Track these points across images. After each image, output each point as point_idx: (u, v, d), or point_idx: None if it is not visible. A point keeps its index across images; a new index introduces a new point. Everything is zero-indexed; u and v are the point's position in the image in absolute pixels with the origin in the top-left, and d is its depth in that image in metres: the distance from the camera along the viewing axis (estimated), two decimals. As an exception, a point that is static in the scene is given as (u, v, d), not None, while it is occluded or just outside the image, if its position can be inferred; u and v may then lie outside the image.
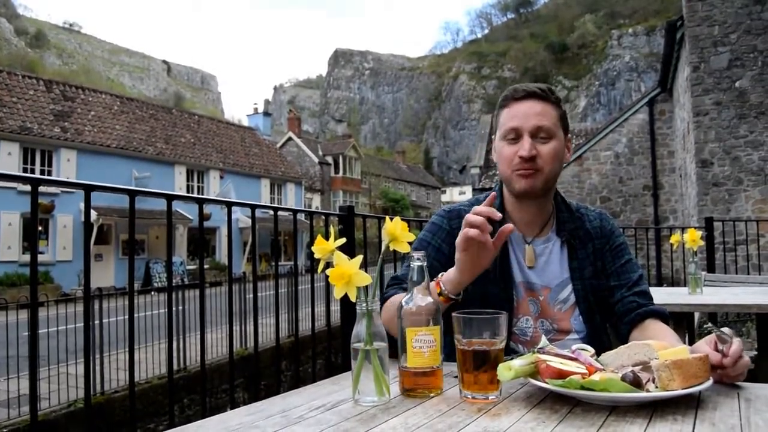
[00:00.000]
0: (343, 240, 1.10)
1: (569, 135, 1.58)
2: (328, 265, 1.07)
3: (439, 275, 1.32)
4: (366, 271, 1.06)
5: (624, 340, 1.48)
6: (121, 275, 19.74)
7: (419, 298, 1.11)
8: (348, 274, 1.03)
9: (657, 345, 1.09)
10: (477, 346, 1.06)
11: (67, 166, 19.11)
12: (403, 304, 1.12)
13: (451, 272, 1.30)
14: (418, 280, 1.12)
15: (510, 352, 1.51)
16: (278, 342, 2.52)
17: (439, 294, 1.28)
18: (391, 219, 1.15)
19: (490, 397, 1.06)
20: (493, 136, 1.63)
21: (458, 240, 1.23)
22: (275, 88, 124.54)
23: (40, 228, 18.21)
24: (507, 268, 1.53)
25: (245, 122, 35.34)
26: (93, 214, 17.75)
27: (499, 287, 1.51)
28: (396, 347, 1.12)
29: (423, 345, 1.08)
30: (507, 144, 1.49)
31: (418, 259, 1.13)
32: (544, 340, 1.18)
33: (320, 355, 7.21)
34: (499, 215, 1.21)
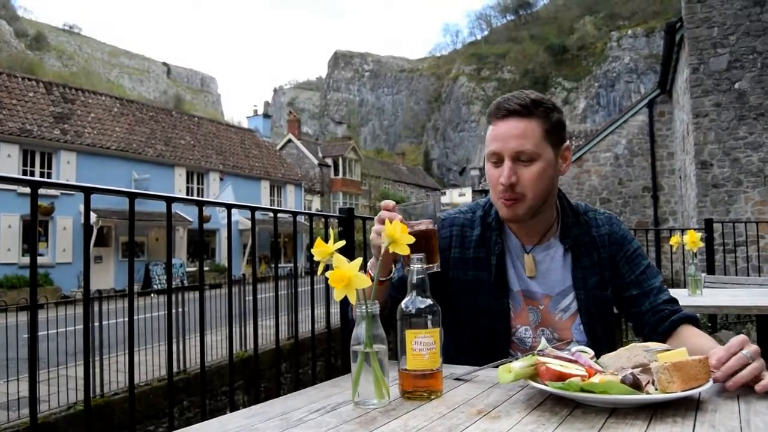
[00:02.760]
0: (343, 242, 1.10)
1: (566, 143, 1.49)
2: (328, 267, 1.07)
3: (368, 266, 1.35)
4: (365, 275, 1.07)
5: (639, 327, 1.49)
6: (121, 277, 19.73)
7: (419, 301, 1.11)
8: (348, 277, 1.03)
9: (657, 346, 1.09)
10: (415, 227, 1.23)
11: (66, 168, 19.11)
12: (403, 306, 1.12)
13: (371, 261, 1.33)
14: (418, 282, 1.12)
15: (510, 356, 1.51)
16: (278, 344, 2.52)
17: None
18: (391, 221, 1.15)
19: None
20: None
21: (370, 237, 1.29)
22: (275, 90, 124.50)
23: (39, 230, 18.21)
24: (503, 278, 1.50)
25: (245, 124, 35.38)
26: (93, 216, 17.76)
27: (494, 297, 1.49)
28: (396, 349, 1.12)
29: (423, 347, 1.08)
30: (492, 166, 1.44)
31: (419, 260, 1.13)
32: (543, 343, 1.18)
33: (320, 357, 7.20)
34: (398, 217, 1.23)
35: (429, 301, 1.11)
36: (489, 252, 1.51)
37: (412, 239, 1.15)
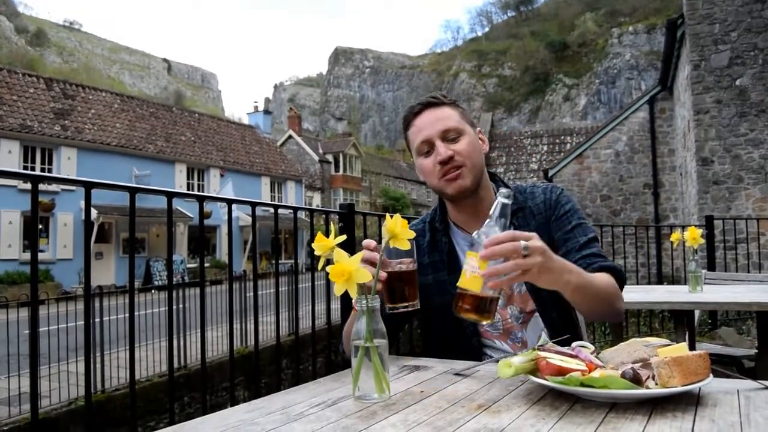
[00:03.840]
0: (344, 237, 1.10)
1: (478, 128, 1.61)
2: (329, 262, 1.07)
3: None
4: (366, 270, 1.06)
5: None
6: (122, 273, 19.75)
7: (490, 228, 1.17)
8: (348, 271, 1.03)
9: (657, 341, 1.10)
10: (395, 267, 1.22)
11: (67, 164, 19.10)
12: (475, 236, 1.17)
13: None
14: (501, 215, 1.18)
15: (486, 348, 1.53)
16: (278, 340, 2.52)
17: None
18: (392, 216, 1.16)
19: (403, 309, 1.23)
20: (412, 160, 1.64)
21: None
22: (275, 87, 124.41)
23: (40, 226, 18.22)
24: (458, 275, 1.54)
25: (245, 120, 35.31)
26: (93, 212, 17.75)
27: (452, 294, 1.52)
28: (396, 345, 1.13)
29: (468, 268, 1.14)
30: (424, 158, 1.53)
31: (506, 197, 1.18)
32: (543, 337, 1.18)
33: (321, 353, 7.21)
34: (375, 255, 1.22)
35: (496, 229, 1.16)
36: (441, 253, 1.59)
37: (412, 234, 1.15)
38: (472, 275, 1.13)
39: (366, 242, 1.25)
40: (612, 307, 1.37)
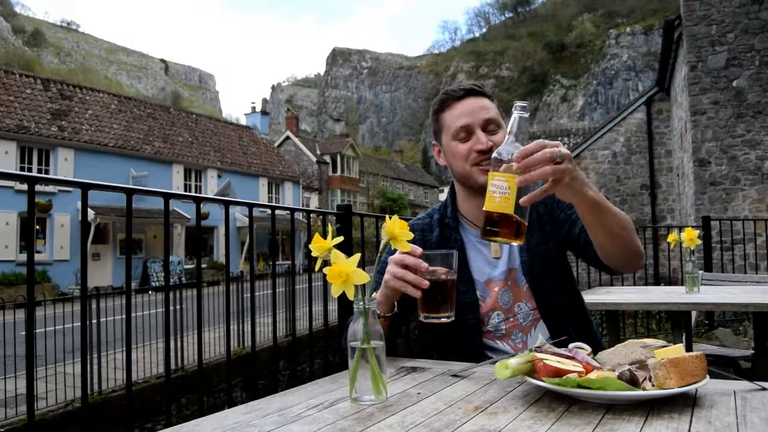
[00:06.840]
0: (341, 238, 1.09)
1: None
2: (326, 263, 1.07)
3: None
4: (364, 271, 1.06)
5: (600, 262, 1.42)
6: (119, 274, 19.72)
7: (509, 143, 1.14)
8: (346, 273, 1.02)
9: (654, 343, 1.10)
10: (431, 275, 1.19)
11: (64, 165, 19.07)
12: (496, 154, 1.14)
13: (379, 296, 1.30)
14: (519, 130, 1.15)
15: (487, 349, 1.53)
16: (276, 341, 2.52)
17: (379, 317, 1.28)
18: (391, 218, 1.15)
19: (442, 319, 1.21)
20: (433, 142, 1.63)
21: (385, 278, 1.25)
22: (273, 87, 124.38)
23: (37, 227, 18.19)
24: (467, 272, 1.55)
25: (243, 121, 35.31)
26: (90, 213, 17.73)
27: (461, 292, 1.51)
28: (392, 346, 1.13)
29: (496, 190, 1.11)
30: (459, 143, 1.52)
31: (523, 110, 1.16)
32: (540, 339, 1.18)
33: (318, 354, 7.20)
34: (424, 266, 1.20)
35: (519, 145, 1.13)
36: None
37: (411, 235, 1.15)
38: (502, 197, 1.10)
39: (413, 248, 1.22)
40: (632, 240, 1.31)
